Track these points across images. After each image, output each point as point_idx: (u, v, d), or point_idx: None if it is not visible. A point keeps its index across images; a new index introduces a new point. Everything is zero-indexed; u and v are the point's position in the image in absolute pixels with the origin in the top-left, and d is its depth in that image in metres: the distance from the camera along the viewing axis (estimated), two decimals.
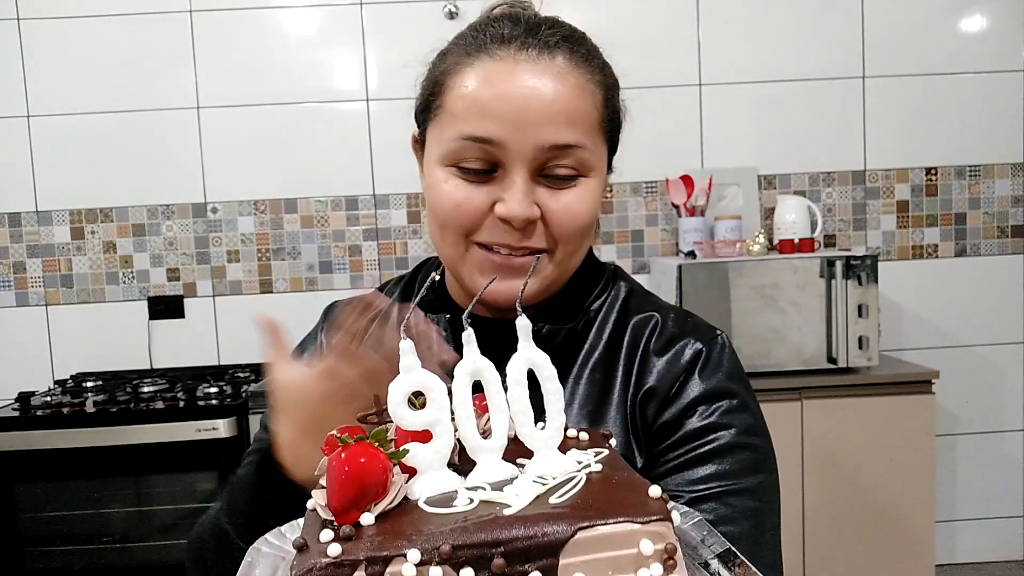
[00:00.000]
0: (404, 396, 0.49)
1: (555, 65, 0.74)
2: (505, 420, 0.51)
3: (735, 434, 0.77)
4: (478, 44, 0.75)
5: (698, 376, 0.78)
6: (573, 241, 0.77)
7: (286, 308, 2.65)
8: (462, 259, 0.77)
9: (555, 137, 0.72)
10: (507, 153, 0.72)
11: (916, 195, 2.73)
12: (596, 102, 0.76)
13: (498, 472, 0.50)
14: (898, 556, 2.23)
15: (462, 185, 0.75)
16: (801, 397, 2.20)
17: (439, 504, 0.46)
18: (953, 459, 2.77)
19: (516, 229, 0.74)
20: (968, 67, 2.69)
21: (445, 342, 0.61)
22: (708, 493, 0.74)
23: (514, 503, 0.45)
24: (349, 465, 0.45)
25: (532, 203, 0.74)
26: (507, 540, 0.42)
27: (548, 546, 0.42)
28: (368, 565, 0.41)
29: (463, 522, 0.43)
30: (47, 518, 2.17)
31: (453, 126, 0.74)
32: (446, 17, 2.51)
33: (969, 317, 2.74)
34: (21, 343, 2.64)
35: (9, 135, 2.60)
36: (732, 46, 2.67)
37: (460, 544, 0.41)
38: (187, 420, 2.11)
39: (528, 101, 0.72)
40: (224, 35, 2.62)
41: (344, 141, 2.64)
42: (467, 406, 0.50)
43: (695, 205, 2.54)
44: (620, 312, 0.84)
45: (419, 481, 0.49)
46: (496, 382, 0.51)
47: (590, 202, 0.76)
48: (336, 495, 0.45)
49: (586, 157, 0.75)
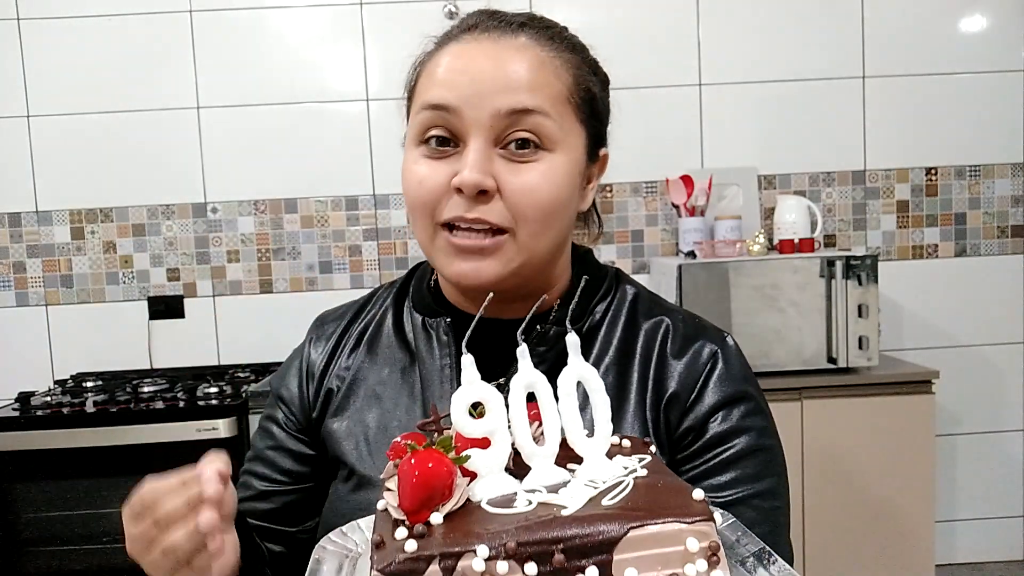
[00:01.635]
0: (465, 407, 0.54)
1: (517, 42, 0.75)
2: (557, 428, 0.55)
3: (753, 438, 0.79)
4: (447, 34, 0.79)
5: (716, 380, 0.80)
6: (535, 221, 0.74)
7: (286, 308, 2.65)
8: (431, 245, 0.77)
9: (512, 102, 0.72)
10: (464, 121, 0.73)
11: (916, 195, 2.73)
12: (561, 76, 0.76)
13: (552, 476, 0.54)
14: (898, 556, 2.23)
15: (425, 163, 0.76)
16: (801, 397, 2.20)
17: (500, 505, 0.51)
18: (953, 459, 2.77)
19: (470, 199, 0.73)
20: (968, 67, 2.69)
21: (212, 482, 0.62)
22: (733, 499, 0.77)
23: (570, 504, 0.49)
24: (419, 470, 0.49)
25: (487, 172, 0.73)
26: (567, 538, 0.46)
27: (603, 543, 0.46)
28: (442, 559, 0.45)
29: (525, 521, 0.47)
30: (47, 518, 2.17)
31: (418, 100, 0.77)
32: (446, 17, 2.51)
33: (969, 317, 2.74)
34: (21, 343, 2.64)
35: (9, 135, 2.60)
36: (732, 46, 2.67)
37: (524, 541, 0.45)
38: (187, 420, 2.12)
39: (485, 70, 0.73)
40: (224, 35, 2.62)
41: (344, 141, 2.64)
42: (522, 416, 0.54)
43: (695, 205, 2.54)
44: (628, 316, 0.84)
45: (480, 484, 0.53)
46: (548, 394, 0.55)
47: (553, 180, 0.74)
48: (408, 497, 0.49)
49: (548, 127, 0.74)
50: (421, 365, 0.83)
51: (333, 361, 0.89)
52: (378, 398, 0.85)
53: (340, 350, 0.89)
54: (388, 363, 0.86)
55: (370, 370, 0.87)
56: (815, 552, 2.23)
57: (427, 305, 0.86)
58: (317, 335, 0.92)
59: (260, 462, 0.90)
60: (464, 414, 0.53)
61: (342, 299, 0.99)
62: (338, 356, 0.89)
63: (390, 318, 0.89)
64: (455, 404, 0.53)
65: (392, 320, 0.89)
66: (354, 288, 2.66)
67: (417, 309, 0.87)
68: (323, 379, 0.88)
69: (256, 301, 2.67)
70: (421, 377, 0.83)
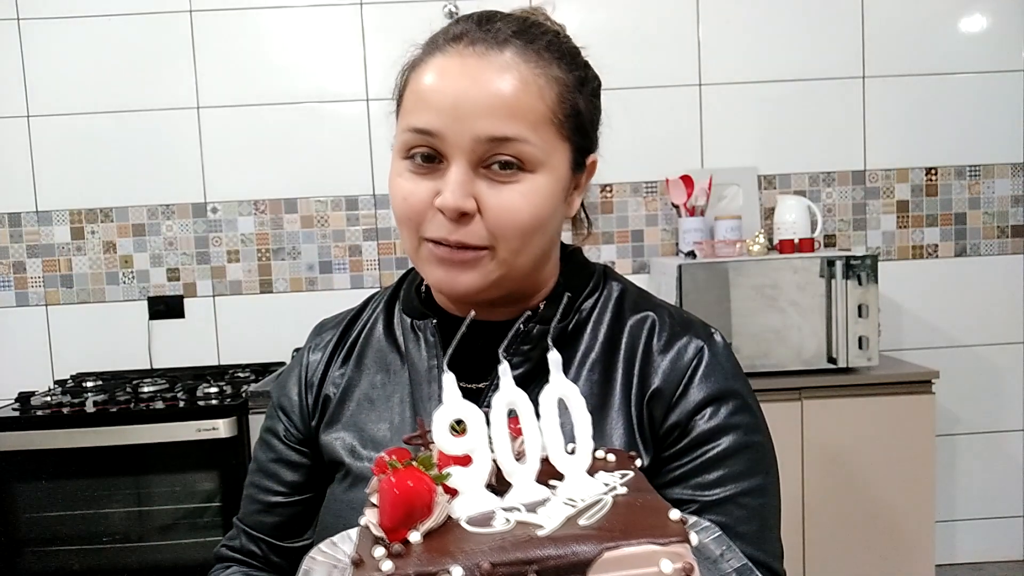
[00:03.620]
0: (446, 425, 0.54)
1: (501, 59, 0.74)
2: (538, 445, 0.56)
3: (741, 435, 0.78)
4: (433, 42, 0.78)
5: (703, 376, 0.79)
6: (513, 239, 0.75)
7: (286, 308, 2.65)
8: (416, 254, 0.79)
9: (492, 129, 0.72)
10: (446, 144, 0.73)
11: (916, 195, 2.73)
12: (545, 97, 0.75)
13: (531, 494, 0.55)
14: (898, 556, 2.23)
15: (411, 178, 0.76)
16: (801, 397, 2.20)
17: (479, 523, 0.51)
18: (953, 459, 2.77)
19: (452, 221, 0.74)
20: (968, 67, 2.69)
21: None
22: (721, 497, 0.76)
23: (547, 524, 0.50)
24: (399, 488, 0.50)
25: (468, 195, 0.73)
26: (540, 559, 0.46)
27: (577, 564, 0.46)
28: None
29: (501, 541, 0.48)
30: (47, 518, 2.17)
31: (404, 119, 0.77)
32: (446, 17, 2.51)
33: (969, 317, 2.74)
34: (21, 343, 2.64)
35: (9, 135, 2.60)
36: (732, 46, 2.67)
37: (498, 562, 0.46)
38: (187, 420, 2.11)
39: (466, 94, 0.72)
40: (224, 35, 2.62)
41: (344, 141, 2.64)
42: (503, 434, 0.55)
43: (695, 205, 2.54)
44: (615, 312, 0.84)
45: (460, 501, 0.54)
46: (529, 412, 0.56)
47: (534, 200, 0.75)
48: (387, 515, 0.50)
49: (528, 151, 0.73)
50: (410, 366, 0.85)
51: (329, 369, 0.90)
52: (371, 401, 0.86)
53: (336, 358, 0.91)
54: (380, 368, 0.88)
55: (363, 377, 0.88)
56: (815, 552, 2.23)
57: (415, 308, 0.87)
58: (315, 343, 0.94)
59: (262, 475, 0.91)
60: (445, 432, 0.54)
61: (342, 299, 1.00)
62: (334, 364, 0.90)
63: (381, 323, 0.91)
64: (436, 422, 0.54)
65: (383, 325, 0.90)
66: (354, 288, 2.66)
67: (406, 311, 0.88)
68: (321, 386, 0.90)
69: (256, 301, 2.67)
70: (410, 378, 0.84)
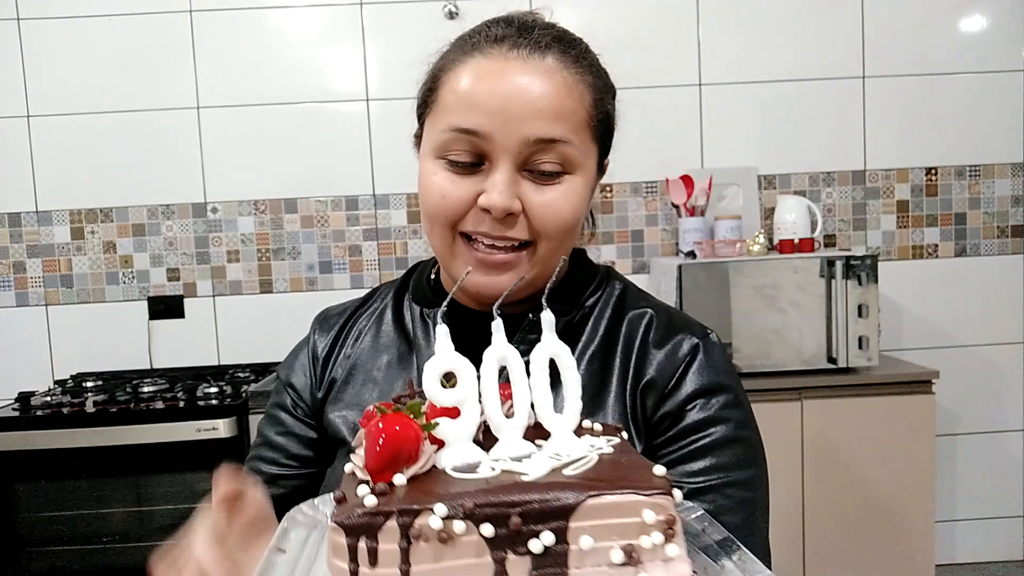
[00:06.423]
0: (437, 376, 0.54)
1: (544, 64, 0.75)
2: (527, 402, 0.56)
3: (731, 428, 0.80)
4: (473, 43, 0.78)
5: (696, 370, 0.81)
6: (554, 238, 0.78)
7: (286, 308, 2.65)
8: (449, 251, 0.80)
9: (540, 131, 0.74)
10: (493, 146, 0.74)
11: (916, 195, 2.73)
12: (584, 101, 0.77)
13: (518, 448, 0.55)
14: (898, 556, 2.23)
15: (449, 177, 0.77)
16: (801, 397, 2.20)
17: (464, 471, 0.52)
18: (953, 459, 2.77)
19: (497, 220, 0.76)
20: (968, 67, 2.69)
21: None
22: (707, 485, 0.77)
23: (532, 472, 0.50)
24: (386, 432, 0.50)
25: (514, 196, 0.75)
26: (524, 502, 0.46)
27: (560, 510, 0.47)
28: (400, 516, 0.46)
29: (485, 485, 0.49)
30: (47, 518, 2.17)
31: (444, 119, 0.77)
32: (446, 17, 2.51)
33: (969, 317, 2.74)
34: (21, 343, 2.64)
35: (9, 135, 2.60)
36: (732, 46, 2.67)
37: (482, 503, 0.46)
38: (187, 420, 2.11)
39: (515, 96, 0.74)
40: (224, 35, 2.62)
41: (344, 141, 2.64)
42: (493, 387, 0.55)
43: (695, 205, 2.54)
44: (615, 308, 0.87)
45: (447, 452, 0.54)
46: (520, 368, 0.56)
47: (574, 200, 0.78)
48: (373, 457, 0.50)
49: (571, 153, 0.76)
50: (418, 353, 0.86)
51: (337, 350, 0.92)
52: (376, 382, 0.88)
53: (343, 340, 0.92)
54: (387, 351, 0.89)
55: (370, 358, 0.90)
56: (815, 552, 2.23)
57: (426, 297, 0.89)
58: (321, 327, 0.95)
59: (268, 447, 0.92)
60: (436, 383, 0.54)
61: (342, 299, 1.01)
62: (341, 345, 0.92)
63: (390, 310, 0.93)
64: (427, 372, 0.54)
65: (392, 312, 0.92)
66: (354, 288, 2.66)
67: (416, 301, 0.90)
68: (327, 366, 0.91)
69: (256, 301, 2.67)
70: (418, 365, 0.85)
